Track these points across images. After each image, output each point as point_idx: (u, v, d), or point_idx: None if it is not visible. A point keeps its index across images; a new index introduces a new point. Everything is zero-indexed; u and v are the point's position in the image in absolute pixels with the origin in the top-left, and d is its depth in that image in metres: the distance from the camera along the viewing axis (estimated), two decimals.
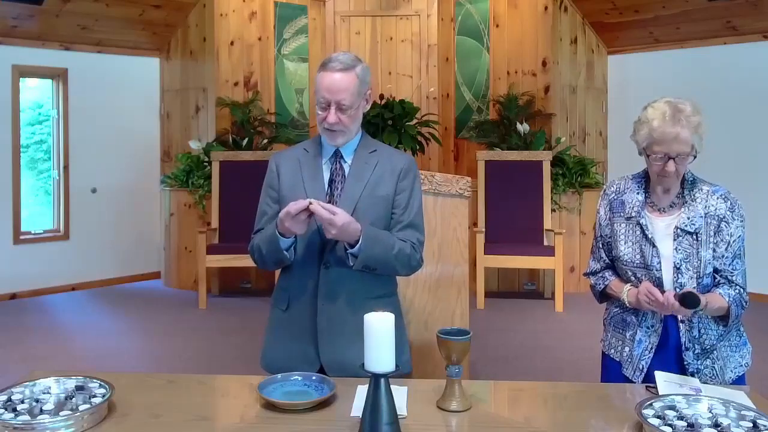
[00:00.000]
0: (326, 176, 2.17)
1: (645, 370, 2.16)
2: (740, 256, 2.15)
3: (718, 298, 2.10)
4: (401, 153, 2.30)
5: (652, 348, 2.17)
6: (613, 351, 2.29)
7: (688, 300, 1.97)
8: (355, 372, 1.83)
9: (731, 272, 2.13)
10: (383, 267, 2.11)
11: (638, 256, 2.18)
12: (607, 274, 2.29)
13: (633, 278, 2.21)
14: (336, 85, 2.06)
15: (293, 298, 2.18)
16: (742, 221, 2.15)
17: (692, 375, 2.11)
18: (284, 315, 2.20)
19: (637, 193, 2.21)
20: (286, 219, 1.98)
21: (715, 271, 2.14)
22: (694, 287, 2.10)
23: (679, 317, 2.13)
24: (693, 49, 6.50)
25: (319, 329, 2.13)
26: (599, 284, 2.31)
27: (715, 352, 2.16)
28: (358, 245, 2.02)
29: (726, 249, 2.12)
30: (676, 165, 2.06)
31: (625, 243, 2.21)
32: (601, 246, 2.30)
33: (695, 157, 2.10)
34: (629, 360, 2.21)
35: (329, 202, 2.11)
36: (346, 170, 2.17)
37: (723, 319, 2.14)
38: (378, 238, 2.07)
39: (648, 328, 2.18)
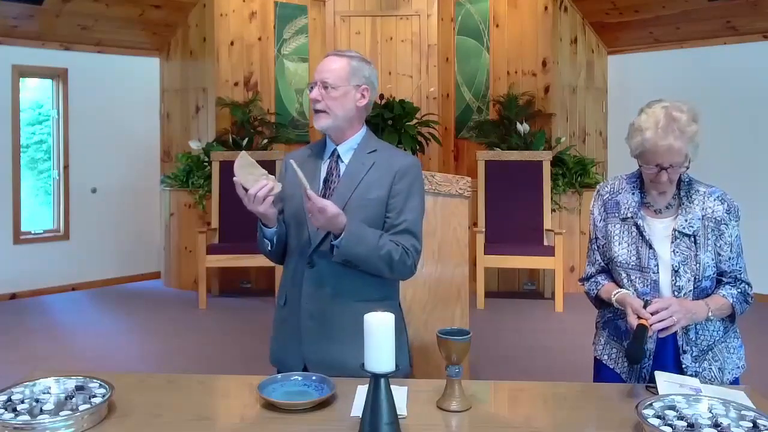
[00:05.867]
0: (323, 175, 2.17)
1: (647, 378, 2.12)
2: (741, 253, 2.15)
3: (719, 299, 2.09)
4: (404, 154, 2.24)
5: (650, 355, 2.14)
6: (606, 357, 2.24)
7: (635, 348, 1.93)
8: (338, 371, 1.92)
9: (739, 271, 2.13)
10: (366, 265, 2.05)
11: (634, 258, 2.14)
12: (600, 278, 2.24)
13: (627, 281, 2.15)
14: (325, 66, 2.14)
15: (288, 296, 2.21)
16: (737, 221, 2.13)
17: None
18: (282, 311, 2.23)
19: (632, 194, 2.17)
20: (246, 203, 2.02)
21: (723, 273, 2.12)
22: (691, 290, 2.09)
23: None
24: (693, 49, 6.51)
25: (302, 327, 2.14)
26: (592, 290, 2.25)
27: (711, 353, 2.14)
28: (339, 238, 2.00)
29: (730, 251, 2.12)
30: (668, 174, 2.03)
31: (619, 244, 2.16)
32: (596, 248, 2.25)
33: (688, 167, 2.05)
34: (631, 370, 2.17)
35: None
36: (342, 170, 2.16)
37: (729, 317, 2.13)
38: (364, 236, 2.03)
39: None
